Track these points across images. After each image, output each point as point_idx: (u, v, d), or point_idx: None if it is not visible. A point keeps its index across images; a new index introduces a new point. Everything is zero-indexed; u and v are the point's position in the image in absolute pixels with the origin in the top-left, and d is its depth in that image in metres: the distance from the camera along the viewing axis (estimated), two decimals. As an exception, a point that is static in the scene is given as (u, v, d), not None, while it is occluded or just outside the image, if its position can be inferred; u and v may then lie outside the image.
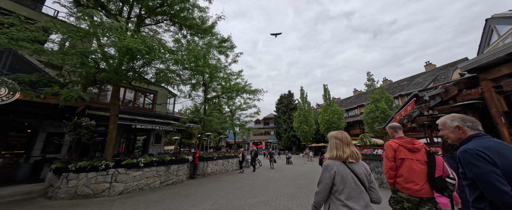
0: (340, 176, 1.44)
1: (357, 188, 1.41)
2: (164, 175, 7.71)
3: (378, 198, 1.49)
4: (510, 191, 1.02)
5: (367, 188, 1.47)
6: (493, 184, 1.05)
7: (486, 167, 1.08)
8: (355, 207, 1.36)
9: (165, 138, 23.76)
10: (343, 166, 1.48)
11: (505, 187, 1.03)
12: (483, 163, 1.10)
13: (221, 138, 16.03)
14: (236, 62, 12.50)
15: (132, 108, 10.98)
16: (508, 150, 1.13)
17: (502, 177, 1.05)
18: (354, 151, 1.55)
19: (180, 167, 8.43)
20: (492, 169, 1.07)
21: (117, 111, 7.24)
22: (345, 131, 17.97)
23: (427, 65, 27.67)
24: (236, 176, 10.03)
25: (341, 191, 1.41)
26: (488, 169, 1.08)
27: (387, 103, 20.96)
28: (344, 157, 1.51)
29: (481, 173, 1.09)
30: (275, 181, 8.45)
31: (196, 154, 9.84)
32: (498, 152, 1.12)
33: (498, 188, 1.03)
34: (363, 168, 1.52)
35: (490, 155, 1.11)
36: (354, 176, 1.44)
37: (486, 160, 1.10)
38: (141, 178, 6.94)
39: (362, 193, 1.42)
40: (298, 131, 29.49)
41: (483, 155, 1.11)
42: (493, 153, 1.11)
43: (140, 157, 7.03)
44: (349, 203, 1.38)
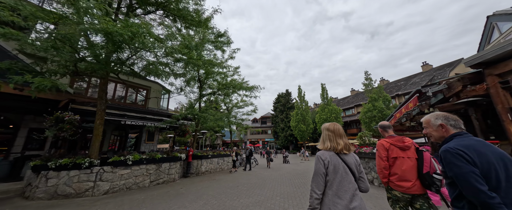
0: (333, 166, 1.45)
1: (347, 177, 1.44)
2: (155, 174, 7.30)
3: (366, 187, 1.53)
4: (487, 190, 1.02)
5: (357, 178, 1.50)
6: (472, 184, 1.05)
7: (465, 167, 1.08)
8: (345, 195, 1.39)
9: (160, 136, 23.19)
10: (335, 157, 1.50)
11: (483, 186, 1.03)
12: (462, 163, 1.10)
13: (217, 136, 15.65)
14: (233, 58, 12.09)
15: (123, 104, 10.50)
16: (487, 149, 1.12)
17: (480, 177, 1.06)
18: (347, 143, 1.57)
19: (172, 165, 8.02)
20: (471, 169, 1.07)
21: (104, 106, 6.80)
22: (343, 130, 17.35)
23: (424, 66, 27.69)
24: (231, 175, 9.67)
25: (333, 180, 1.43)
26: (467, 168, 1.08)
27: (384, 102, 20.84)
28: (338, 149, 1.53)
29: (460, 173, 1.09)
30: (271, 180, 8.12)
31: (189, 152, 9.44)
32: (477, 151, 1.12)
33: (476, 188, 1.04)
34: (354, 158, 1.55)
35: (469, 154, 1.11)
36: (345, 166, 1.47)
37: (466, 159, 1.10)
38: (129, 177, 6.52)
39: (351, 183, 1.44)
40: (295, 130, 29.25)
41: (463, 154, 1.11)
42: (473, 153, 1.11)
43: (128, 155, 6.60)
44: (340, 192, 1.40)
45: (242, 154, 15.97)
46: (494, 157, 1.10)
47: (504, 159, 1.10)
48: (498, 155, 1.11)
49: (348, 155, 1.54)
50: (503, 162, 1.09)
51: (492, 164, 1.08)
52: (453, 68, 23.40)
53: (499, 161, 1.09)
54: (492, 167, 1.08)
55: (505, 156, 1.12)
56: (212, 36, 10.63)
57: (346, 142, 1.56)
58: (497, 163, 1.08)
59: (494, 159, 1.09)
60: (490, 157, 1.10)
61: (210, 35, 10.36)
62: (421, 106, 7.36)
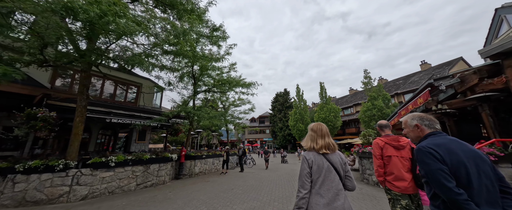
0: (317, 165, 1.47)
1: (330, 176, 1.45)
2: (142, 176, 6.66)
3: (353, 186, 1.53)
4: (454, 187, 1.04)
5: (342, 177, 1.50)
6: (439, 181, 1.07)
7: (434, 165, 1.11)
8: (328, 194, 1.40)
9: (155, 135, 22.37)
10: (319, 156, 1.51)
11: (450, 183, 1.05)
12: (432, 161, 1.12)
13: (214, 136, 15.03)
14: (229, 54, 11.49)
15: (112, 101, 9.82)
16: (459, 147, 1.14)
17: (448, 174, 1.07)
18: (329, 143, 1.56)
19: (162, 166, 7.39)
20: (440, 167, 1.09)
21: (85, 102, 6.14)
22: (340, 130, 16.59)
23: (422, 64, 27.39)
24: (226, 177, 9.06)
25: (316, 179, 1.45)
26: (436, 166, 1.10)
27: (384, 101, 20.41)
28: (317, 148, 1.55)
29: (429, 170, 1.12)
30: (268, 182, 7.54)
31: (181, 152, 8.81)
32: (448, 149, 1.13)
33: (443, 185, 1.06)
34: (339, 157, 1.55)
35: (440, 152, 1.13)
36: (329, 165, 1.48)
37: (436, 157, 1.12)
38: (112, 180, 5.88)
39: (334, 181, 1.45)
40: (293, 130, 28.72)
41: (433, 152, 1.13)
42: (443, 150, 1.13)
43: (111, 155, 5.96)
44: (321, 190, 1.42)
45: (248, 153, 15.39)
46: (465, 155, 1.11)
47: (475, 157, 1.11)
48: (470, 154, 1.11)
49: (332, 154, 1.55)
50: (474, 160, 1.10)
51: (461, 162, 1.09)
52: (452, 67, 23.11)
53: (470, 160, 1.10)
54: (462, 165, 1.08)
55: (477, 154, 1.12)
56: (207, 30, 10.03)
57: (327, 142, 1.56)
58: (468, 161, 1.09)
59: (465, 157, 1.10)
60: (460, 155, 1.11)
61: (204, 28, 9.75)
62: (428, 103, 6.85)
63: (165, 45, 5.78)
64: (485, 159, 1.10)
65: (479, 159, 1.10)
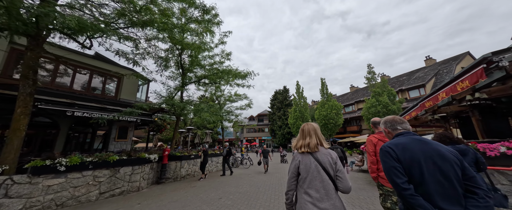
0: (304, 165, 1.46)
1: (319, 176, 1.41)
2: (108, 182, 5.27)
3: (345, 187, 1.43)
4: (402, 183, 1.10)
5: (333, 177, 1.43)
6: (391, 177, 1.15)
7: (389, 162, 1.18)
8: (315, 194, 1.37)
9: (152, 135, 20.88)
10: (307, 156, 1.50)
11: (399, 179, 1.12)
12: (387, 159, 1.19)
13: (207, 134, 13.64)
14: (224, 43, 10.08)
15: (85, 93, 8.40)
16: (418, 146, 1.18)
17: (400, 172, 1.13)
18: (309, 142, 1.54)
19: (136, 169, 6.00)
20: (393, 164, 1.16)
21: (31, 88, 4.74)
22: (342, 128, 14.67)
23: (427, 60, 26.12)
24: (217, 180, 7.69)
25: (305, 179, 1.44)
26: (390, 164, 1.17)
27: (389, 97, 19.10)
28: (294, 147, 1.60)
29: (385, 167, 1.20)
30: (266, 189, 6.17)
31: (164, 152, 7.42)
32: (404, 148, 1.19)
33: (393, 181, 1.13)
34: (329, 157, 1.49)
35: (396, 151, 1.19)
36: (317, 165, 1.44)
37: (391, 155, 1.18)
38: (62, 189, 4.48)
39: (324, 181, 1.40)
40: (293, 128, 27.36)
41: (390, 151, 1.20)
42: (399, 149, 1.19)
43: (62, 157, 4.55)
44: (310, 191, 1.40)
45: (235, 154, 13.99)
46: (423, 154, 1.15)
47: (434, 156, 1.13)
48: (429, 153, 1.15)
49: (320, 153, 1.50)
50: (432, 159, 1.13)
51: (415, 160, 1.14)
52: (459, 62, 21.85)
53: (428, 158, 1.13)
54: (415, 163, 1.13)
55: (438, 153, 1.14)
56: (197, 12, 8.62)
57: (307, 142, 1.54)
58: (424, 159, 1.13)
59: (422, 156, 1.14)
60: (416, 153, 1.15)
61: (194, 11, 8.35)
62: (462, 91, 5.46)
63: (132, 14, 4.37)
64: (448, 158, 1.13)
65: (439, 157, 1.12)
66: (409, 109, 8.29)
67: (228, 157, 9.05)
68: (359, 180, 7.23)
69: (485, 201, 1.04)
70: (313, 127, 1.61)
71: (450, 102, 6.00)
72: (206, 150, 7.97)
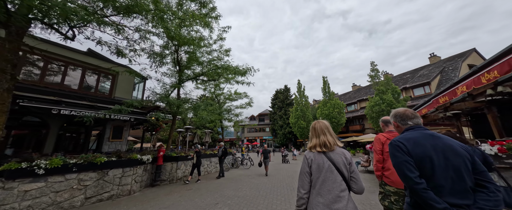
0: (316, 165, 1.40)
1: (333, 177, 1.35)
2: (95, 186, 4.83)
3: (359, 188, 1.37)
4: (415, 177, 1.09)
5: (347, 178, 1.36)
6: (403, 171, 1.13)
7: (400, 157, 1.16)
8: (327, 196, 1.31)
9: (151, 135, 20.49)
10: (320, 155, 1.43)
11: (411, 173, 1.10)
12: (399, 153, 1.18)
13: (206, 133, 13.19)
14: (223, 39, 9.63)
15: (77, 90, 7.98)
16: (430, 141, 1.18)
17: (412, 165, 1.12)
18: (325, 141, 1.45)
19: (127, 171, 5.55)
20: (405, 159, 1.14)
21: (10, 84, 4.30)
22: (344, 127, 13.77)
23: (431, 57, 25.47)
24: (216, 183, 7.22)
25: (317, 179, 1.37)
26: (402, 158, 1.16)
27: (393, 95, 18.52)
28: (310, 147, 1.50)
29: (396, 162, 1.18)
30: (267, 192, 5.69)
31: (159, 153, 6.98)
32: (416, 143, 1.18)
33: (405, 175, 1.12)
34: (343, 157, 1.42)
35: (407, 145, 1.18)
36: (331, 165, 1.37)
37: (402, 150, 1.18)
38: (42, 194, 4.04)
39: (336, 182, 1.33)
40: (294, 127, 26.86)
41: (401, 145, 1.19)
42: (411, 144, 1.18)
43: (40, 159, 4.11)
44: (322, 191, 1.33)
45: (235, 153, 13.53)
46: (434, 149, 1.14)
47: (446, 151, 1.13)
48: (440, 148, 1.15)
49: (334, 153, 1.42)
50: (444, 154, 1.13)
51: (427, 155, 1.13)
52: (465, 58, 21.19)
53: (439, 153, 1.13)
54: (427, 158, 1.13)
55: (449, 148, 1.14)
56: (193, 5, 8.16)
57: (323, 140, 1.46)
58: (436, 154, 1.13)
59: (433, 150, 1.14)
60: (427, 148, 1.15)
61: (189, 2, 7.89)
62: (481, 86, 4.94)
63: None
64: (460, 153, 1.13)
65: (450, 152, 1.13)
66: (420, 106, 7.77)
67: (223, 158, 8.35)
68: (367, 182, 6.73)
69: (495, 195, 1.04)
70: (325, 125, 1.53)
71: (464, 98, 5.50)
72: (199, 151, 7.34)
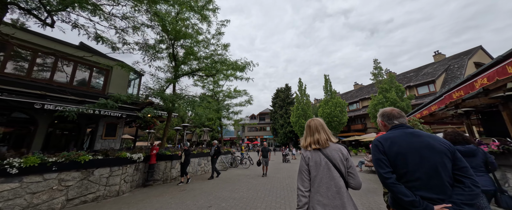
0: (314, 162, 1.40)
1: (330, 173, 1.35)
2: (78, 187, 4.44)
3: (357, 184, 1.38)
4: (386, 173, 1.19)
5: (344, 174, 1.36)
6: (377, 168, 1.24)
7: (376, 155, 1.26)
8: (326, 193, 1.31)
9: (150, 133, 20.02)
10: (316, 153, 1.43)
11: (382, 169, 1.21)
12: (375, 152, 1.28)
13: (204, 131, 12.80)
14: (221, 34, 9.19)
15: (67, 86, 7.60)
16: (407, 139, 1.24)
17: (384, 163, 1.21)
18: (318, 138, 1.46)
19: (115, 171, 5.15)
20: (379, 157, 1.24)
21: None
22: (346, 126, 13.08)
23: (436, 55, 24.83)
24: (211, 183, 6.81)
25: (315, 177, 1.38)
26: (376, 156, 1.25)
27: (397, 93, 17.97)
28: (304, 146, 1.50)
29: (373, 160, 1.28)
30: (265, 194, 5.26)
31: (152, 151, 6.58)
32: (393, 141, 1.25)
33: (378, 171, 1.23)
34: (339, 153, 1.41)
35: (384, 144, 1.26)
36: (328, 161, 1.37)
37: (379, 149, 1.27)
38: (16, 195, 3.65)
39: (335, 179, 1.33)
40: (295, 126, 26.38)
41: (378, 144, 1.28)
42: (388, 143, 1.26)
43: (14, 157, 3.72)
44: (320, 189, 1.33)
45: (234, 153, 13.13)
46: (410, 146, 1.20)
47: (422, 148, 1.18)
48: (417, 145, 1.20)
49: (330, 149, 1.42)
50: (420, 151, 1.17)
51: (401, 153, 1.20)
52: (471, 56, 20.56)
53: (415, 150, 1.18)
54: (400, 155, 1.20)
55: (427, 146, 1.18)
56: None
57: (316, 138, 1.47)
58: (411, 152, 1.19)
59: (409, 148, 1.20)
60: (402, 146, 1.21)
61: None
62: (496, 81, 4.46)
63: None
64: (438, 150, 1.16)
65: (427, 150, 1.17)
66: (429, 102, 7.28)
67: (216, 157, 7.76)
68: (373, 183, 6.28)
69: (470, 189, 1.07)
70: (319, 123, 1.54)
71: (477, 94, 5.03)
72: (188, 149, 6.85)
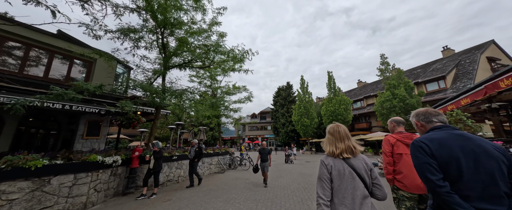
0: (337, 171, 1.29)
1: (354, 183, 1.25)
2: (27, 200, 3.43)
3: (383, 195, 1.30)
4: (437, 179, 1.03)
5: (368, 185, 1.28)
6: (424, 174, 1.08)
7: (422, 158, 1.11)
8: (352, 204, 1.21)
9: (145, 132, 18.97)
10: (340, 161, 1.32)
11: (433, 176, 1.04)
12: (420, 154, 1.12)
13: (200, 130, 11.80)
14: (218, 24, 8.15)
15: (42, 78, 6.63)
16: (459, 142, 1.10)
17: (434, 168, 1.06)
18: (350, 145, 1.36)
19: (82, 178, 4.15)
20: (427, 160, 1.09)
21: None
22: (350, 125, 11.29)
23: (444, 50, 23.60)
24: (203, 190, 5.79)
25: (338, 187, 1.26)
26: (423, 159, 1.10)
27: (406, 89, 16.82)
28: (337, 153, 1.35)
29: (417, 163, 1.13)
30: (267, 205, 4.22)
31: (133, 153, 5.58)
32: (441, 143, 1.11)
33: (426, 177, 1.06)
34: (363, 162, 1.32)
35: (430, 146, 1.11)
36: (352, 171, 1.28)
37: (425, 151, 1.11)
38: None
39: (359, 189, 1.23)
40: (297, 125, 25.33)
41: (423, 146, 1.13)
42: (435, 145, 1.11)
43: None
44: (345, 200, 1.22)
45: (233, 153, 12.12)
46: (463, 150, 1.07)
47: (477, 153, 1.05)
48: (471, 149, 1.06)
49: (354, 159, 1.33)
50: (475, 156, 1.05)
51: (453, 157, 1.06)
52: (483, 51, 19.32)
53: (469, 155, 1.05)
54: (453, 160, 1.06)
55: (482, 150, 1.05)
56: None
57: (348, 145, 1.36)
58: (464, 156, 1.05)
59: (462, 152, 1.06)
60: (454, 149, 1.07)
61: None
62: None
63: None
64: (494, 156, 1.03)
65: (483, 155, 1.04)
66: (459, 95, 6.18)
67: (197, 161, 6.28)
68: (387, 187, 5.21)
69: None
70: (345, 129, 1.44)
71: None
72: (160, 151, 5.33)
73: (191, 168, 6.24)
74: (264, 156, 5.93)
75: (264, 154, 5.95)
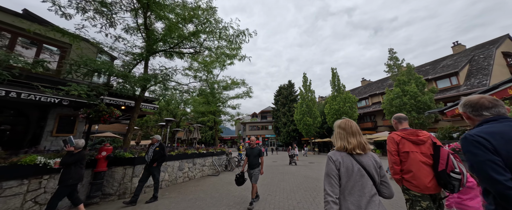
0: (345, 168, 1.21)
1: (363, 181, 1.18)
2: None
3: (390, 193, 1.24)
4: (506, 180, 0.83)
5: (377, 183, 1.22)
6: (487, 173, 0.88)
7: (483, 155, 0.91)
8: (359, 202, 1.14)
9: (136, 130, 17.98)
10: (348, 157, 1.25)
11: (500, 176, 0.85)
12: (480, 151, 0.92)
13: (195, 128, 10.62)
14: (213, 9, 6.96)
15: None
16: None
17: (500, 166, 0.87)
18: (361, 142, 1.29)
19: (13, 187, 2.98)
20: (489, 157, 0.89)
21: None
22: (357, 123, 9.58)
23: (455, 46, 22.21)
24: (186, 200, 4.59)
25: (346, 184, 1.19)
26: (484, 157, 0.90)
27: (417, 86, 15.48)
28: (349, 148, 1.27)
29: (476, 161, 0.93)
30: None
31: (100, 152, 4.40)
32: (504, 138, 0.91)
33: (491, 177, 0.87)
34: (372, 160, 1.26)
35: (492, 141, 0.91)
36: (361, 168, 1.21)
37: (485, 147, 0.91)
38: None
39: (367, 187, 1.17)
40: (299, 124, 24.06)
41: (483, 141, 0.92)
42: (497, 139, 0.91)
43: None
44: (352, 198, 1.16)
45: (230, 153, 10.91)
46: None
47: None
48: None
49: (364, 155, 1.26)
50: None
51: None
52: (499, 45, 17.91)
53: None
54: None
55: None
56: None
57: (359, 141, 1.28)
58: None
59: None
60: None
61: None
62: None
63: None
64: None
65: None
66: (500, 84, 4.90)
67: (156, 165, 4.41)
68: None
69: None
70: (356, 125, 1.36)
71: None
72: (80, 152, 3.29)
73: (145, 176, 4.32)
74: (253, 160, 3.89)
75: (252, 157, 3.90)
